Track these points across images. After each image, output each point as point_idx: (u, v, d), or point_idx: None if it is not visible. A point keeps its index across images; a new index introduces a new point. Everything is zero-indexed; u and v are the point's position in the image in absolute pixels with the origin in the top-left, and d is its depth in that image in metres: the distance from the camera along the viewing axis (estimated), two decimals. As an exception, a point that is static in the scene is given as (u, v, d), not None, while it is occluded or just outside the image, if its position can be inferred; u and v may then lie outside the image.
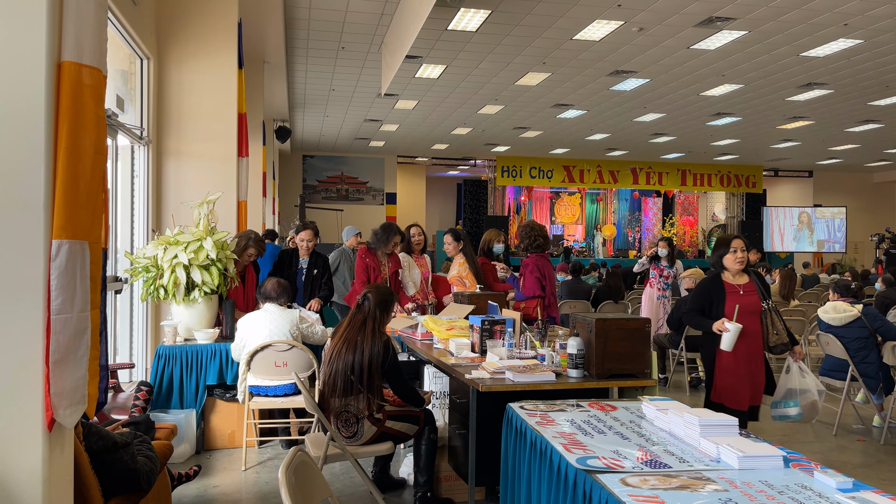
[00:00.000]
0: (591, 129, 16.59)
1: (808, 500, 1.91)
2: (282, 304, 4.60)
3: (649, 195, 25.34)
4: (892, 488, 4.40)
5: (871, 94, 12.74)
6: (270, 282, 4.67)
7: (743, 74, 11.50)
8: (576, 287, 9.19)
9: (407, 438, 3.64)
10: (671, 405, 2.72)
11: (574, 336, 3.53)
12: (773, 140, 17.86)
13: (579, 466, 2.17)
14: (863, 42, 9.62)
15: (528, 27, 9.19)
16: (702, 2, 8.24)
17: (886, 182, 23.77)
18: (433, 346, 4.34)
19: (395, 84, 12.15)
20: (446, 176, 24.76)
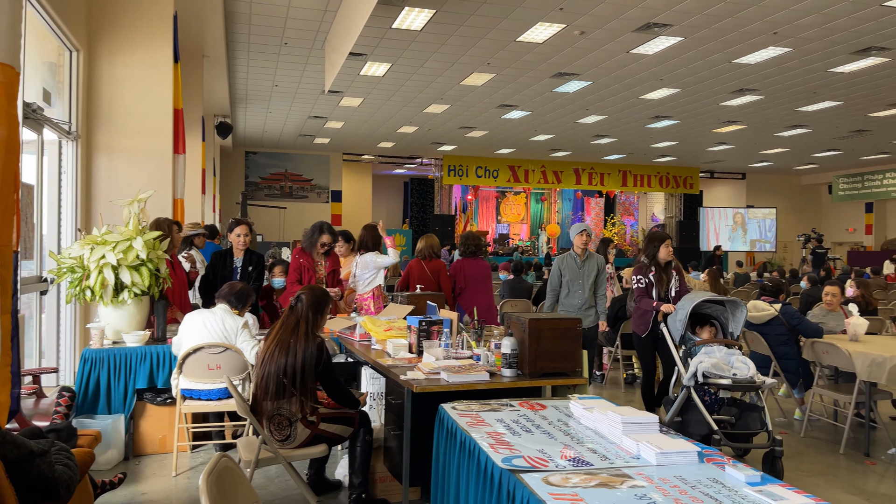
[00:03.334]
0: (536, 129, 16.81)
1: (719, 494, 1.99)
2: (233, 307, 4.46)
3: (592, 195, 25.86)
4: (812, 479, 4.62)
5: (799, 101, 13.30)
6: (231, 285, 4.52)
7: (680, 79, 11.85)
8: (517, 286, 9.30)
9: (342, 440, 3.62)
10: (597, 403, 2.78)
11: (508, 336, 3.58)
12: (709, 143, 18.46)
13: (504, 466, 2.20)
14: (791, 50, 10.04)
15: (472, 28, 9.25)
16: (640, 8, 8.45)
17: (814, 185, 24.86)
18: (371, 347, 4.33)
19: (340, 81, 12.05)
20: (393, 174, 24.70)
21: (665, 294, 5.34)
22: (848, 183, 22.20)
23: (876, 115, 14.49)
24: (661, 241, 5.41)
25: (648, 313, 5.35)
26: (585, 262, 5.98)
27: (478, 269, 6.40)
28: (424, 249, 6.27)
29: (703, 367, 4.09)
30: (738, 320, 4.55)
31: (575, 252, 6.00)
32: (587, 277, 5.94)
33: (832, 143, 17.97)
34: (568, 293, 5.96)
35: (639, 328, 5.49)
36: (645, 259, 5.46)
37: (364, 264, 6.06)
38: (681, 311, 4.59)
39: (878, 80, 11.70)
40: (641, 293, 5.39)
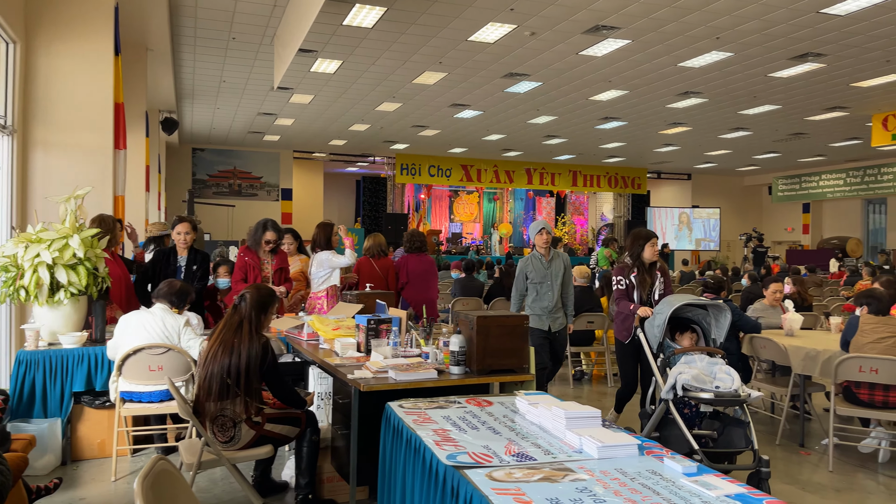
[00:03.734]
0: (488, 129, 16.91)
1: (657, 485, 2.04)
2: (173, 306, 4.35)
3: (543, 195, 26.18)
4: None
5: (741, 104, 13.72)
6: (169, 283, 4.42)
7: (628, 81, 12.08)
8: (468, 284, 9.35)
9: (288, 441, 3.57)
10: (542, 399, 2.82)
11: (456, 333, 3.60)
12: (656, 144, 18.88)
13: (448, 463, 2.21)
14: (733, 55, 10.35)
15: (423, 26, 9.24)
16: (589, 10, 8.59)
17: (755, 185, 25.70)
18: (319, 346, 4.29)
19: (290, 78, 11.89)
20: (345, 172, 24.50)
21: (648, 297, 5.00)
22: (787, 184, 23.02)
23: (812, 119, 15.06)
24: (647, 240, 5.04)
25: (630, 318, 5.00)
26: (552, 261, 5.67)
27: (422, 265, 6.66)
28: (373, 248, 6.35)
29: (683, 379, 3.68)
30: (721, 326, 4.17)
31: (539, 252, 5.68)
32: (555, 278, 5.62)
33: (772, 145, 18.61)
34: (536, 296, 5.60)
35: (620, 334, 5.13)
36: (628, 259, 5.10)
37: (319, 262, 6.04)
38: (659, 315, 4.17)
39: (814, 85, 12.16)
40: (622, 295, 5.03)
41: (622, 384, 5.30)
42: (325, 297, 5.96)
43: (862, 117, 14.83)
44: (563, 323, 5.70)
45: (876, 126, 14.72)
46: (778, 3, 8.20)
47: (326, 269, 5.99)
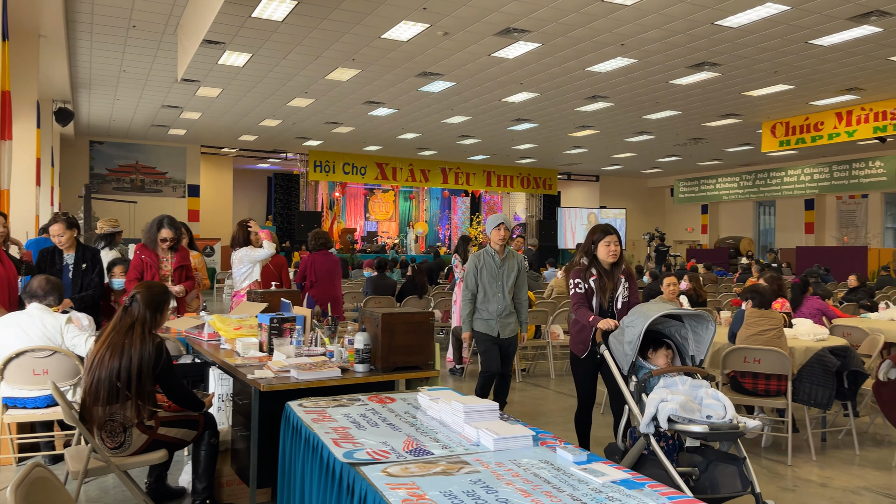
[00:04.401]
0: (403, 127, 16.91)
1: (548, 474, 2.10)
2: (50, 305, 4.13)
3: (458, 194, 26.43)
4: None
5: (645, 109, 14.34)
6: (38, 279, 4.18)
7: (538, 84, 12.38)
8: (380, 283, 9.32)
9: (184, 444, 3.45)
10: (443, 394, 2.85)
11: (361, 331, 3.57)
12: (566, 146, 19.44)
13: (345, 460, 2.20)
14: (637, 61, 10.80)
15: (336, 22, 9.13)
16: (500, 13, 8.74)
17: (658, 187, 26.92)
18: (220, 346, 4.16)
19: (196, 69, 11.47)
20: (256, 169, 23.87)
21: (609, 305, 4.23)
22: (687, 186, 24.24)
23: (710, 125, 15.93)
24: (602, 237, 4.25)
25: (588, 329, 4.21)
26: (505, 260, 5.13)
27: (328, 263, 6.79)
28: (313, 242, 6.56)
29: (669, 410, 3.02)
30: (702, 340, 3.45)
31: (493, 248, 5.14)
32: (507, 279, 5.09)
33: (673, 149, 19.54)
34: (485, 297, 5.06)
35: (576, 347, 4.35)
36: (584, 258, 4.33)
37: (238, 260, 6.15)
38: (630, 329, 3.44)
39: (710, 93, 12.87)
40: (579, 302, 4.21)
41: (578, 406, 4.44)
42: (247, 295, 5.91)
43: (753, 124, 15.81)
44: (514, 330, 5.14)
45: (765, 133, 15.74)
46: (677, 13, 8.61)
47: (247, 265, 6.10)
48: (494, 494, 1.92)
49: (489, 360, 5.09)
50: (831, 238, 21.09)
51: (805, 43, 9.75)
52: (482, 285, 5.08)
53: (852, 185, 18.84)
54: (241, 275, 6.11)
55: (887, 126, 13.32)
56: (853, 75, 11.50)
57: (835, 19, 8.77)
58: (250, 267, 6.11)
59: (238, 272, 6.14)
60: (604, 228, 4.33)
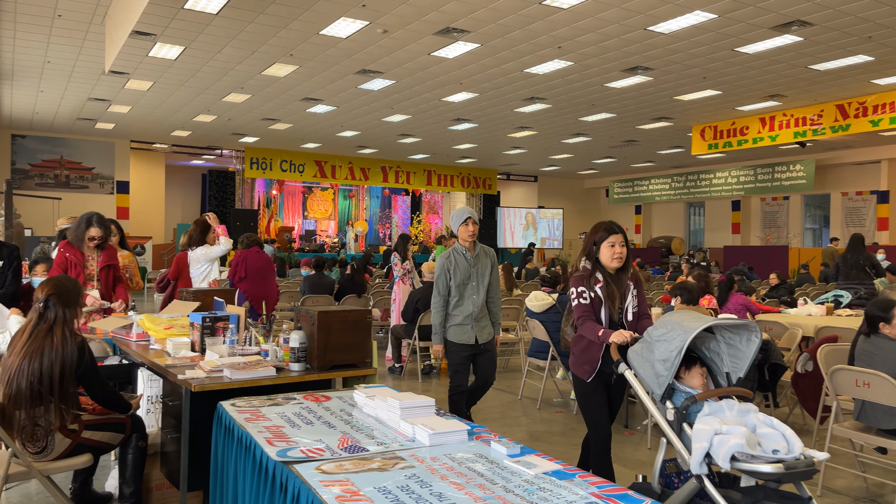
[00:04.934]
0: (342, 125, 16.75)
1: (482, 468, 2.13)
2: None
3: (399, 193, 26.38)
4: (579, 451, 5.09)
5: (581, 111, 14.65)
6: None
7: (478, 84, 12.48)
8: (318, 282, 9.21)
9: (111, 448, 3.33)
10: (379, 391, 2.84)
11: (297, 329, 3.53)
12: (505, 147, 19.67)
13: (278, 459, 2.17)
14: (573, 64, 11.02)
15: (273, 16, 8.97)
16: (440, 12, 8.77)
17: (594, 188, 27.55)
18: (149, 347, 4.04)
19: (125, 62, 11.07)
20: (189, 165, 23.19)
21: (618, 317, 3.54)
22: (621, 188, 24.90)
23: (643, 128, 16.40)
24: (605, 237, 3.56)
25: (595, 346, 3.49)
26: (478, 258, 4.73)
27: (260, 261, 6.98)
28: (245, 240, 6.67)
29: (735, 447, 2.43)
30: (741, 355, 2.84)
31: (463, 246, 4.72)
32: (481, 278, 4.71)
33: (608, 151, 20.03)
34: (458, 300, 4.65)
35: (580, 369, 3.60)
36: (586, 262, 3.62)
37: (195, 259, 6.18)
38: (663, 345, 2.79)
39: (643, 97, 13.25)
40: (585, 314, 3.50)
41: (593, 436, 3.66)
42: None
43: (684, 128, 16.37)
44: (491, 333, 4.77)
45: (695, 136, 16.32)
46: (611, 18, 8.84)
47: (205, 265, 6.17)
48: (429, 489, 1.94)
49: (461, 374, 4.68)
50: (756, 238, 22.05)
51: (731, 50, 10.16)
52: (455, 289, 4.66)
53: (775, 188, 19.75)
54: (200, 274, 6.18)
55: (807, 132, 14.02)
56: (776, 82, 12.05)
57: (759, 28, 9.17)
58: (208, 266, 6.20)
59: (196, 272, 6.19)
60: (606, 227, 3.58)
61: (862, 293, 8.36)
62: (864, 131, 13.29)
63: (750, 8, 8.44)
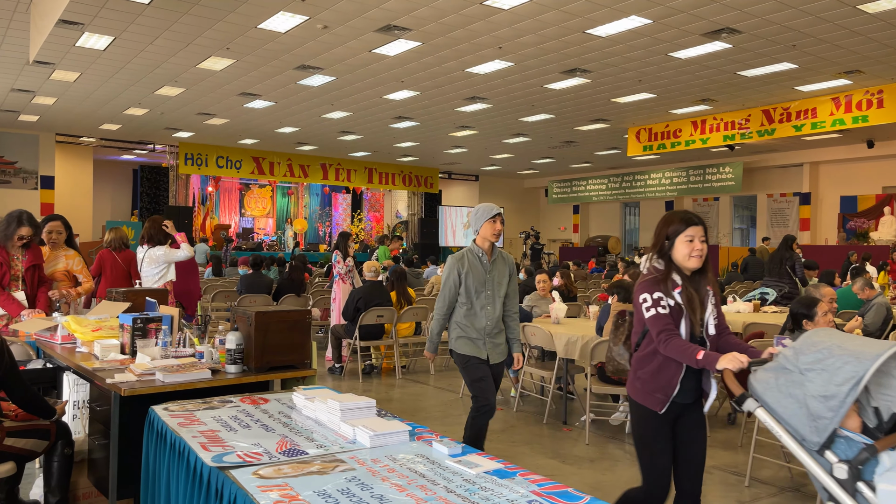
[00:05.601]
0: (280, 121, 16.45)
1: (424, 468, 2.12)
2: None
3: (339, 191, 26.10)
4: (520, 448, 5.16)
5: (521, 111, 14.81)
6: None
7: (419, 83, 12.46)
8: (255, 281, 9.03)
9: (35, 456, 3.17)
10: (319, 393, 2.80)
11: (234, 330, 3.44)
12: (446, 145, 19.72)
13: (213, 464, 2.11)
14: (513, 65, 11.13)
15: (208, 8, 8.72)
16: (381, 9, 8.70)
17: (534, 188, 27.94)
18: (76, 349, 3.86)
19: (51, 51, 10.57)
20: (120, 160, 22.32)
21: (700, 331, 2.79)
22: (560, 187, 25.33)
23: (581, 129, 16.72)
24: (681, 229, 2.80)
25: (672, 368, 2.76)
26: (495, 263, 4.10)
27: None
28: (114, 241, 6.32)
29: None
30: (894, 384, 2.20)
31: (480, 248, 4.07)
32: (497, 287, 4.07)
33: (547, 151, 20.34)
34: (469, 310, 4.03)
35: (650, 397, 2.81)
36: (656, 261, 2.88)
37: (153, 259, 6.04)
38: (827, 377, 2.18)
39: (581, 98, 13.51)
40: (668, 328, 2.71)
41: (646, 489, 2.89)
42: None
43: (620, 129, 16.77)
44: (504, 352, 4.15)
45: (631, 138, 16.75)
46: (551, 20, 8.96)
47: (162, 265, 6.06)
48: (370, 491, 1.92)
49: (486, 389, 4.02)
50: (688, 237, 22.78)
51: (665, 55, 10.47)
52: (466, 296, 4.03)
53: (706, 189, 20.47)
54: (156, 274, 6.06)
55: (735, 135, 14.59)
56: (706, 87, 12.48)
57: (690, 34, 9.48)
58: (165, 267, 6.09)
59: (152, 271, 6.05)
60: (683, 217, 2.85)
61: (786, 290, 8.75)
62: (787, 136, 13.92)
63: (682, 14, 8.71)
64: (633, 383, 2.90)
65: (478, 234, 4.07)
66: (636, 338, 2.91)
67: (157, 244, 6.10)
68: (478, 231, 4.07)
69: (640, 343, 2.88)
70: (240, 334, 3.40)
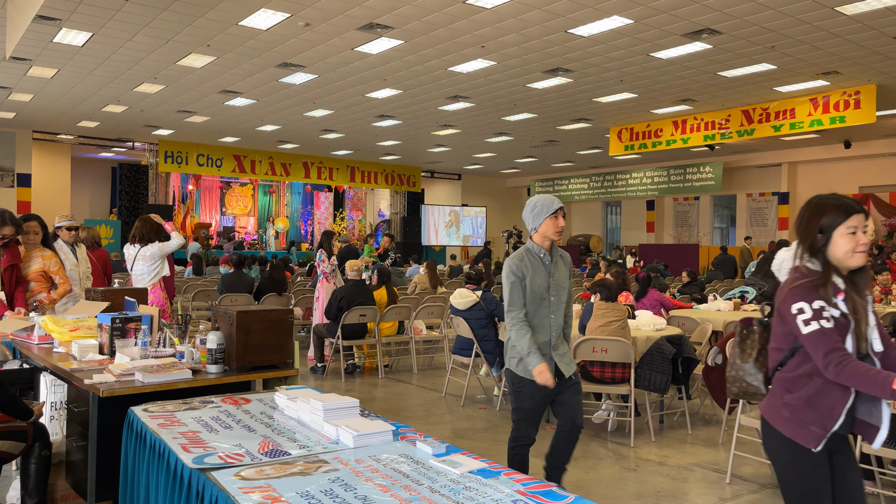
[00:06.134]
0: (262, 119, 16.33)
1: (408, 468, 2.11)
2: None
3: (321, 189, 25.97)
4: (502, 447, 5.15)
5: (503, 110, 14.83)
6: None
7: (401, 81, 12.42)
8: (237, 280, 8.95)
9: (11, 458, 3.12)
10: (302, 393, 2.77)
11: (215, 330, 3.41)
12: (429, 144, 19.69)
13: (194, 466, 2.08)
14: (496, 64, 11.14)
15: (188, 4, 8.62)
16: (363, 7, 8.66)
17: (517, 187, 28.00)
18: (53, 350, 3.80)
19: (27, 47, 10.40)
20: (98, 158, 22.03)
21: (866, 348, 2.29)
22: (543, 186, 25.41)
23: (563, 128, 16.78)
24: (842, 220, 2.29)
25: (835, 394, 2.27)
26: (556, 264, 3.60)
27: None
28: (88, 239, 6.31)
29: None
30: None
31: (540, 247, 3.57)
32: (560, 291, 3.58)
33: (530, 150, 20.39)
34: (531, 319, 3.51)
35: (800, 431, 2.31)
36: (808, 261, 2.36)
37: (148, 256, 6.01)
38: None
39: (564, 98, 13.55)
40: (838, 346, 2.20)
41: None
42: (159, 289, 6.03)
43: (602, 129, 16.86)
44: (573, 361, 3.69)
45: (612, 138, 16.84)
46: (533, 19, 8.98)
47: (157, 260, 6.03)
48: (353, 492, 1.90)
49: (529, 422, 3.60)
50: (669, 236, 22.98)
51: (646, 55, 10.53)
52: (528, 304, 3.53)
53: (686, 188, 20.64)
54: (150, 271, 6.02)
55: (715, 135, 14.72)
56: (687, 87, 12.58)
57: (671, 35, 9.55)
58: (160, 262, 6.08)
59: (147, 268, 6.02)
60: (839, 204, 2.32)
61: (765, 290, 8.85)
62: (766, 136, 14.08)
63: (664, 15, 8.76)
64: (779, 411, 2.34)
65: (535, 233, 3.57)
66: (779, 355, 2.39)
67: (148, 243, 6.04)
68: (536, 229, 3.56)
69: (785, 362, 2.37)
70: (221, 334, 3.37)
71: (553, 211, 3.50)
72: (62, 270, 5.25)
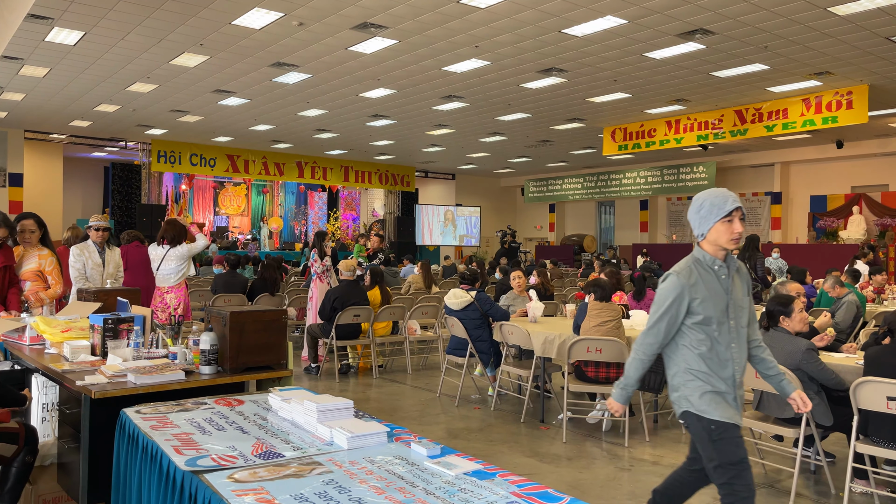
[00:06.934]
0: (255, 119, 16.28)
1: (402, 470, 2.10)
2: None
3: (315, 189, 25.91)
4: (498, 446, 5.16)
5: (497, 110, 14.83)
6: None
7: (395, 81, 12.40)
8: (231, 280, 8.92)
9: (2, 461, 3.09)
10: (295, 394, 2.76)
11: (208, 331, 3.39)
12: (423, 144, 19.67)
13: (187, 468, 2.06)
14: (490, 63, 11.13)
15: (181, 3, 8.58)
16: (357, 6, 8.64)
17: (510, 187, 28.01)
18: (45, 351, 3.78)
19: (19, 46, 10.33)
20: (91, 157, 21.92)
21: None
22: (536, 186, 25.43)
23: (557, 128, 16.79)
24: None
25: None
26: (732, 280, 2.80)
27: (138, 255, 7.08)
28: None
29: None
30: None
31: (713, 255, 2.78)
32: (740, 312, 2.79)
33: (524, 150, 20.39)
34: (710, 350, 2.72)
35: None
36: None
37: (177, 256, 6.26)
38: None
39: (557, 98, 13.56)
40: None
41: None
42: (185, 287, 6.38)
43: (595, 129, 16.87)
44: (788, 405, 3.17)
45: (606, 137, 16.86)
46: (527, 19, 8.98)
47: (183, 262, 6.31)
48: (347, 494, 1.89)
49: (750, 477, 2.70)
50: (662, 236, 23.03)
51: (640, 55, 10.54)
52: (705, 330, 2.73)
53: (679, 188, 20.69)
54: (178, 269, 6.30)
55: (709, 135, 14.76)
56: (680, 87, 12.60)
57: (665, 35, 9.56)
58: (186, 264, 6.34)
59: (177, 268, 6.29)
60: None
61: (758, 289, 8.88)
62: (759, 136, 14.12)
63: (657, 15, 8.77)
64: None
65: (704, 239, 2.80)
66: None
67: (176, 244, 6.30)
68: (704, 235, 2.78)
69: None
70: (214, 335, 3.35)
71: (727, 213, 2.70)
72: (56, 270, 5.21)
